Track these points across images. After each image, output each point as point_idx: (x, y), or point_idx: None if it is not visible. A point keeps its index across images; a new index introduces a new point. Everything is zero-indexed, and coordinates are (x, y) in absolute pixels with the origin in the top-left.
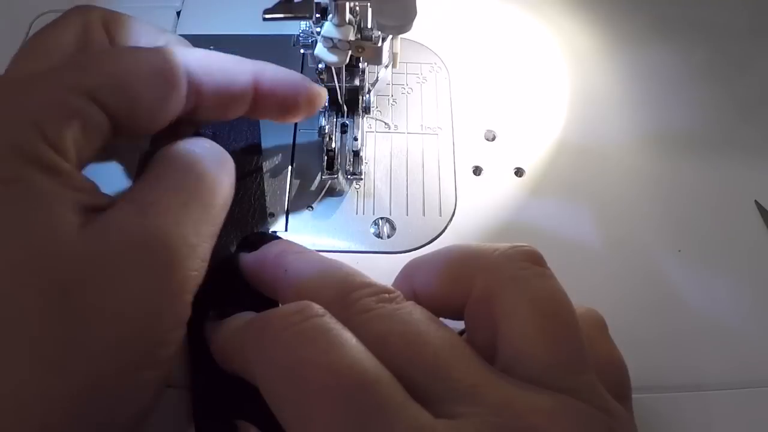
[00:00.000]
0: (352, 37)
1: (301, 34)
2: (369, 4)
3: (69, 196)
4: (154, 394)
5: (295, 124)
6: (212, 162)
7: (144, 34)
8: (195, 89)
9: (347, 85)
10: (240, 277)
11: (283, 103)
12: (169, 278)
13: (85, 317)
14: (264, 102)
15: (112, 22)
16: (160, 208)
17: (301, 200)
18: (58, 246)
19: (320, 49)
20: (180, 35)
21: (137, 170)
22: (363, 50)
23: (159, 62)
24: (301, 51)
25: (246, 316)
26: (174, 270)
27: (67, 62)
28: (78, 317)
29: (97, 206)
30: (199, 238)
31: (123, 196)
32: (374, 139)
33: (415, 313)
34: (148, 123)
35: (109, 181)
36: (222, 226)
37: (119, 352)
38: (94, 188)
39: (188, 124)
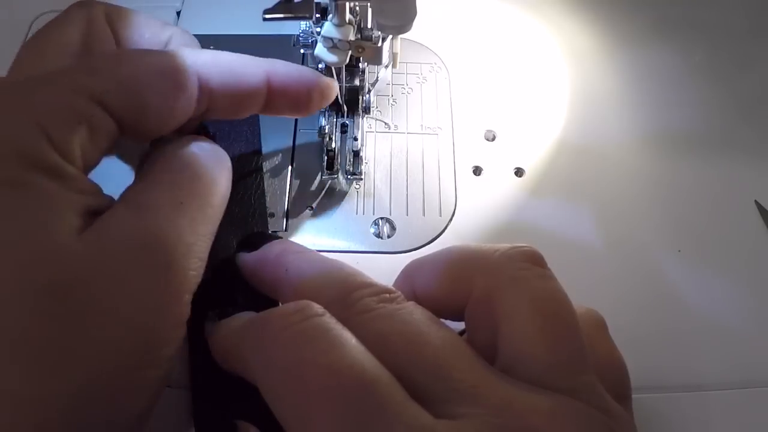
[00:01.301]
0: (352, 37)
1: (301, 34)
2: (369, 4)
3: (72, 199)
4: (154, 394)
5: (295, 124)
6: (208, 160)
7: (148, 28)
8: (207, 92)
9: (347, 85)
10: (240, 277)
11: (296, 100)
12: (167, 278)
13: (83, 319)
14: (277, 100)
15: (115, 16)
16: (156, 208)
17: (301, 200)
18: (56, 249)
19: (320, 49)
20: None
21: (137, 169)
22: (363, 50)
23: (168, 66)
24: (301, 51)
25: (246, 316)
26: (171, 270)
27: (75, 64)
28: (75, 319)
29: (101, 209)
30: (196, 237)
31: (120, 197)
32: (374, 139)
33: (416, 313)
34: (157, 127)
35: (117, 180)
36: (222, 226)
37: (118, 353)
38: (98, 191)
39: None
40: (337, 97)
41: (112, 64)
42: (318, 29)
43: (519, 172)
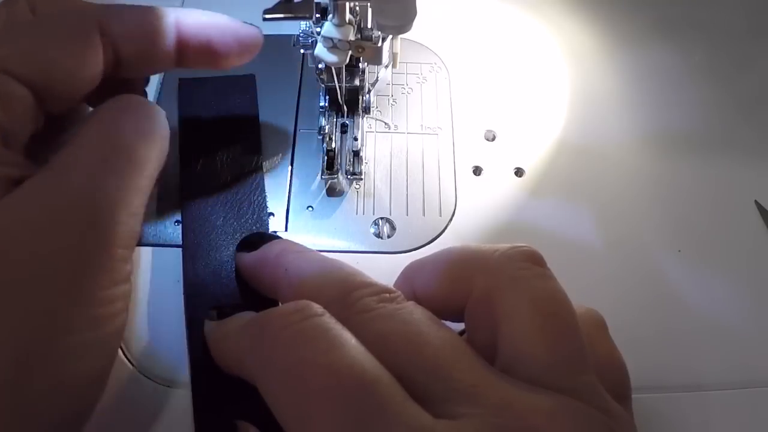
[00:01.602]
0: (352, 37)
1: (301, 34)
2: (369, 4)
3: None
4: (102, 354)
5: (295, 125)
6: (135, 114)
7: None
8: (112, 45)
9: (347, 85)
10: (240, 277)
11: (212, 50)
12: (93, 235)
13: (8, 285)
14: (190, 50)
15: (38, 4)
16: (79, 167)
17: (301, 200)
18: None
19: (320, 49)
20: None
21: None
22: (363, 50)
23: (68, 23)
24: (301, 51)
25: (246, 316)
26: (97, 226)
27: None
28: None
29: (25, 178)
30: (124, 192)
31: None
32: (374, 139)
33: (416, 313)
34: (70, 87)
35: None
36: (222, 226)
37: (48, 316)
38: (21, 162)
39: (133, 88)
40: (337, 97)
41: (10, 32)
42: (318, 29)
43: (519, 172)
